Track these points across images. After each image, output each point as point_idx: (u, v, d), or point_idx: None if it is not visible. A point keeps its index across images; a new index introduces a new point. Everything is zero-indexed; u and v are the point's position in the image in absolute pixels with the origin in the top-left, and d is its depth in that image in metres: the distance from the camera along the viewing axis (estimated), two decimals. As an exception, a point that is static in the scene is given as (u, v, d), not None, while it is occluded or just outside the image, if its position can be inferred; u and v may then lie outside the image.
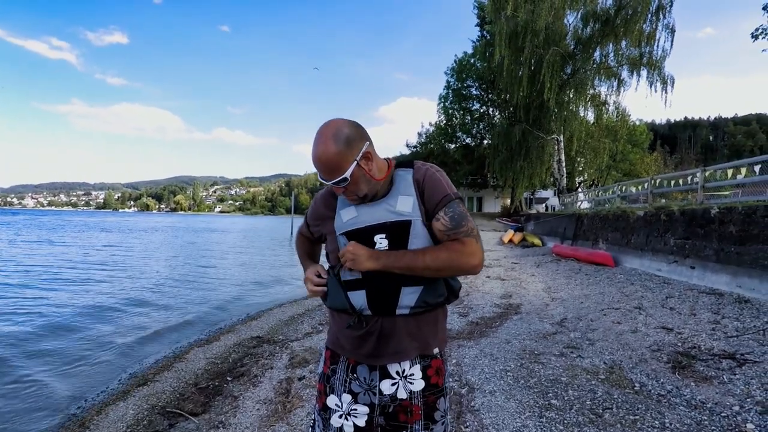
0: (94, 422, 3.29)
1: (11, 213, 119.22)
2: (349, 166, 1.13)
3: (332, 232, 1.28)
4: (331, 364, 1.30)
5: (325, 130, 1.14)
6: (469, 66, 35.43)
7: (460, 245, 1.17)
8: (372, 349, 1.21)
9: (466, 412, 2.99)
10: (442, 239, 1.20)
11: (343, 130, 1.13)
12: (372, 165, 1.19)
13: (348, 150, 1.13)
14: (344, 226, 1.24)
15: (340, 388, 1.26)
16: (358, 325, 1.21)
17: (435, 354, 1.28)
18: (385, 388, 1.23)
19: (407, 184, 1.24)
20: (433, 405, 1.25)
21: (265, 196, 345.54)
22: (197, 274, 12.55)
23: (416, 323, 1.23)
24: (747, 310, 4.93)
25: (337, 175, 1.13)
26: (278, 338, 5.35)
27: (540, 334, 4.92)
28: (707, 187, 8.60)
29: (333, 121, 1.16)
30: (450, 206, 1.20)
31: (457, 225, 1.19)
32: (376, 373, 1.24)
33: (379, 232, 1.20)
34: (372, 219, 1.21)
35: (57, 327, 6.39)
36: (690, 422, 2.72)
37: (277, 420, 3.03)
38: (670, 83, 19.27)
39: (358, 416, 1.24)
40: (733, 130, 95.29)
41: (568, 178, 27.45)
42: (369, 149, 1.18)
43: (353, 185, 1.17)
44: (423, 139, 40.94)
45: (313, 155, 1.14)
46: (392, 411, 1.24)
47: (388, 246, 1.19)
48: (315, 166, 1.15)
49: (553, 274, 9.50)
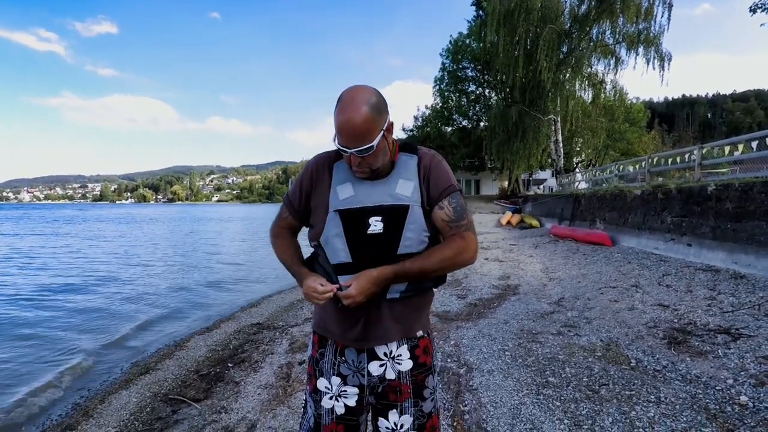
0: (97, 411, 3.32)
1: (14, 208, 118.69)
2: (377, 134, 1.09)
3: (323, 205, 1.22)
4: (319, 347, 1.31)
5: (355, 94, 1.08)
6: (465, 47, 34.94)
7: (462, 242, 1.18)
8: (359, 333, 1.21)
9: (464, 391, 3.03)
10: (441, 228, 1.21)
11: (373, 97, 1.09)
12: (391, 139, 1.18)
13: (378, 117, 1.09)
14: (339, 203, 1.18)
15: (329, 371, 1.27)
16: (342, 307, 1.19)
17: (420, 335, 1.29)
18: (373, 369, 1.24)
19: (409, 169, 1.23)
20: (421, 383, 1.28)
21: (263, 184, 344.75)
22: (198, 263, 12.58)
23: (402, 308, 1.23)
24: (743, 286, 4.97)
25: (364, 143, 1.07)
26: (278, 324, 5.39)
27: (538, 313, 4.96)
28: (704, 164, 8.59)
29: (363, 87, 1.11)
30: (454, 197, 1.21)
31: (459, 217, 1.20)
32: (363, 355, 1.25)
33: (375, 214, 1.17)
34: (369, 200, 1.18)
35: (58, 316, 6.43)
36: (685, 396, 2.76)
37: (278, 404, 3.07)
38: (668, 60, 19.05)
39: (349, 397, 1.26)
40: (732, 107, 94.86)
41: (566, 158, 27.37)
42: (391, 121, 1.16)
43: (373, 156, 1.13)
44: (419, 122, 40.62)
45: (341, 119, 1.07)
46: (381, 391, 1.26)
47: (382, 229, 1.16)
48: (341, 132, 1.08)
49: (551, 254, 9.54)
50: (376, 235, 1.16)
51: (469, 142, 36.35)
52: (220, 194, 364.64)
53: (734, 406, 2.60)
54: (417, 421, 1.27)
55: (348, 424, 1.26)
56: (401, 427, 1.26)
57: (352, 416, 1.26)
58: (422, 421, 1.27)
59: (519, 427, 2.53)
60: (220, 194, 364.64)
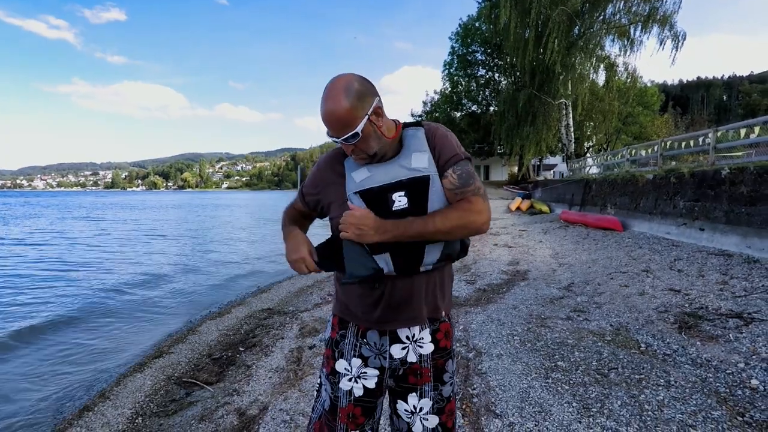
0: (114, 393, 3.41)
1: (33, 195, 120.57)
2: (361, 121, 1.09)
3: (337, 199, 1.22)
4: (340, 329, 1.31)
5: (334, 84, 1.09)
6: (474, 30, 34.32)
7: (468, 204, 1.15)
8: (383, 314, 1.22)
9: (473, 375, 3.05)
10: (449, 197, 1.18)
11: (353, 85, 1.09)
12: (382, 122, 1.16)
13: (359, 104, 1.08)
14: (357, 186, 1.17)
15: (350, 352, 1.28)
16: (377, 288, 1.19)
17: (443, 318, 1.30)
18: (395, 352, 1.25)
19: (419, 141, 1.21)
20: (442, 367, 1.28)
21: (272, 171, 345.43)
22: (210, 249, 12.73)
23: (427, 285, 1.22)
24: (756, 270, 4.90)
25: (348, 131, 1.09)
26: (288, 309, 5.45)
27: (547, 299, 4.95)
28: (719, 147, 8.40)
29: (342, 76, 1.11)
30: (459, 165, 1.19)
31: (464, 183, 1.17)
32: (386, 337, 1.25)
33: (396, 190, 1.15)
34: (387, 177, 1.16)
35: (83, 305, 6.57)
36: (695, 379, 2.75)
37: (290, 387, 3.12)
38: (682, 39, 18.59)
39: (368, 378, 1.26)
40: (748, 88, 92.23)
41: (577, 143, 26.98)
42: (379, 105, 1.14)
43: (364, 142, 1.13)
44: (428, 107, 40.21)
45: (323, 111, 1.09)
46: (402, 373, 1.27)
47: (407, 203, 1.14)
48: (325, 123, 1.11)
49: (561, 240, 9.49)
50: (403, 211, 1.14)
51: (478, 128, 35.97)
52: (229, 181, 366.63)
53: (745, 389, 2.59)
54: (436, 405, 1.27)
55: (365, 406, 1.27)
56: (420, 411, 1.27)
57: (370, 398, 1.27)
58: (441, 405, 1.28)
59: (528, 410, 2.55)
60: (229, 181, 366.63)
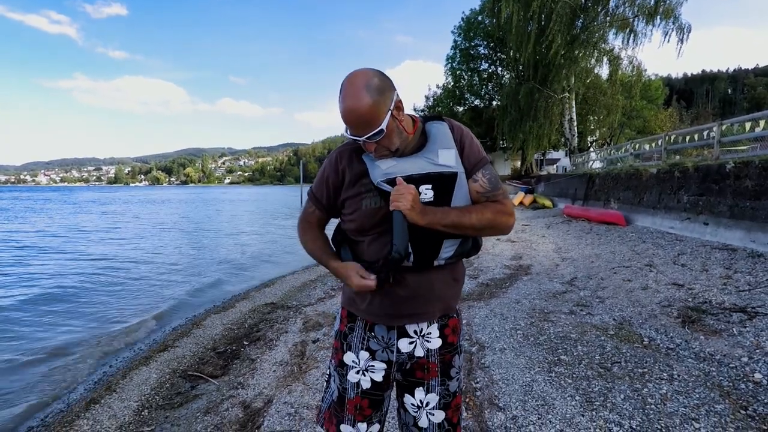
0: (120, 385, 3.44)
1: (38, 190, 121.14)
2: (384, 117, 1.06)
3: (357, 194, 1.19)
4: (348, 322, 1.31)
5: (353, 80, 1.06)
6: (477, 24, 34.09)
7: (501, 205, 1.19)
8: (390, 310, 1.22)
9: (476, 369, 3.07)
10: (476, 200, 1.20)
11: (372, 80, 1.06)
12: (402, 116, 1.15)
13: (382, 100, 1.06)
14: (384, 174, 1.13)
15: (358, 345, 1.28)
16: (386, 278, 1.17)
17: (452, 314, 1.30)
18: (402, 346, 1.25)
19: (446, 138, 1.20)
20: (449, 363, 1.29)
21: (274, 166, 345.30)
22: (215, 243, 12.78)
23: (437, 282, 1.22)
24: (760, 265, 4.89)
25: (372, 128, 1.06)
26: (292, 304, 5.48)
27: (550, 293, 4.96)
28: (723, 142, 8.35)
29: (359, 72, 1.08)
30: (487, 168, 1.22)
31: (495, 187, 1.21)
32: (393, 332, 1.25)
33: (424, 183, 1.14)
34: (414, 168, 1.14)
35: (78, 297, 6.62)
36: (698, 373, 2.76)
37: (294, 380, 3.14)
38: (687, 32, 18.42)
39: (375, 372, 1.27)
40: (754, 82, 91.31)
41: (580, 137, 26.83)
42: (399, 99, 1.12)
43: (386, 138, 1.10)
44: (430, 102, 40.08)
45: (345, 109, 1.05)
46: (409, 368, 1.27)
47: (433, 197, 1.15)
48: (346, 121, 1.07)
49: (564, 234, 9.47)
50: (428, 204, 1.14)
51: (481, 122, 35.79)
52: (232, 176, 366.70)
53: (748, 383, 2.59)
54: (443, 400, 1.28)
55: (373, 398, 1.28)
56: (427, 405, 1.27)
57: (377, 391, 1.28)
58: (448, 400, 1.28)
59: (531, 403, 2.56)
60: (232, 176, 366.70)
